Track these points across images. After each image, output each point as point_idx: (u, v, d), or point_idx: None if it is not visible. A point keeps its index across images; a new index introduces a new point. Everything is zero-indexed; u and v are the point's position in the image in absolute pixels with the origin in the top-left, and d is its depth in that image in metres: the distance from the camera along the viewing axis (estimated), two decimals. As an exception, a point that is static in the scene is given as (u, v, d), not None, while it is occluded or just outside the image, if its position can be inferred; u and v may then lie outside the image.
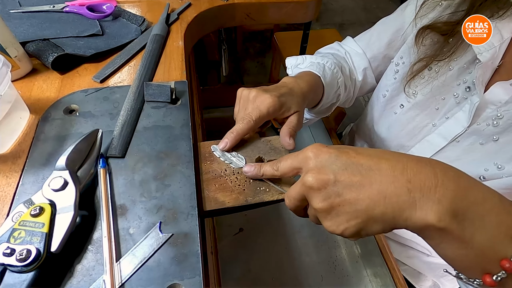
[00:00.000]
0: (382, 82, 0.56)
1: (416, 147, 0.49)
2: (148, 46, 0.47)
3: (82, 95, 0.41)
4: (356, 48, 0.58)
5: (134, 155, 0.35)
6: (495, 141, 0.39)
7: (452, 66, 0.43)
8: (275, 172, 0.31)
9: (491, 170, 0.40)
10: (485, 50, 0.37)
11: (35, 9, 0.49)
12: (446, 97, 0.45)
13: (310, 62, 0.51)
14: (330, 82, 0.49)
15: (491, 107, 0.39)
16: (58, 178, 0.29)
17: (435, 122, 0.46)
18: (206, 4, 0.58)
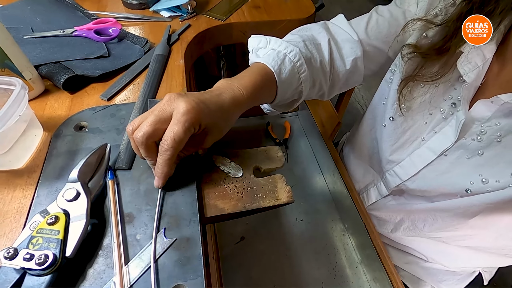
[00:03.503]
0: (378, 93, 0.57)
1: (407, 160, 0.51)
2: (151, 66, 0.50)
3: (90, 112, 0.44)
4: (346, 28, 0.50)
5: (139, 167, 0.38)
6: (480, 155, 0.42)
7: (438, 83, 0.45)
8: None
9: (476, 183, 0.42)
10: (470, 70, 0.40)
11: (46, 34, 0.53)
12: (433, 113, 0.47)
13: (271, 49, 0.43)
14: (286, 79, 0.42)
15: (476, 123, 0.42)
16: (71, 190, 0.32)
17: (424, 136, 0.48)
18: (205, 24, 0.62)
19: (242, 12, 0.66)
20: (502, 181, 0.40)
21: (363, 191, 0.68)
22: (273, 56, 0.41)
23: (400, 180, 0.52)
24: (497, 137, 0.40)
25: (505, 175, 0.39)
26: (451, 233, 0.52)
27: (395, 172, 0.54)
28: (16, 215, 0.34)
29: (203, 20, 0.63)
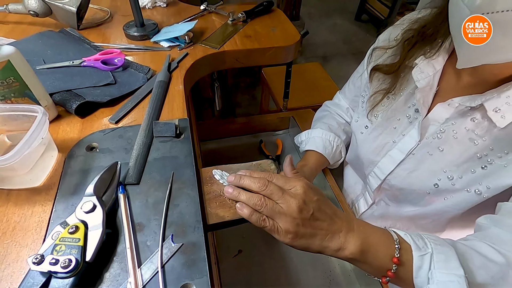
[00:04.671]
0: (356, 110, 0.66)
1: (382, 161, 0.57)
2: (154, 91, 0.56)
3: (100, 134, 0.49)
4: (338, 99, 0.77)
5: (147, 182, 0.42)
6: (441, 151, 0.48)
7: (402, 93, 0.54)
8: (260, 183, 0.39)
9: (442, 179, 0.48)
10: (422, 78, 0.48)
11: (57, 65, 0.59)
12: (401, 118, 0.54)
13: (308, 139, 0.73)
14: (324, 147, 0.69)
15: (436, 124, 0.49)
16: (88, 202, 0.36)
17: (395, 139, 0.55)
18: (201, 53, 0.69)
19: (234, 41, 0.74)
20: (463, 176, 0.45)
21: (355, 202, 0.73)
22: (320, 143, 0.70)
23: (380, 180, 0.58)
24: (454, 134, 0.46)
25: (465, 173, 0.45)
26: None
27: (374, 173, 0.59)
28: (37, 228, 0.37)
29: (200, 48, 0.70)
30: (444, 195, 0.49)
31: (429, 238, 0.38)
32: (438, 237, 0.38)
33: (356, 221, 0.40)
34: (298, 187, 0.38)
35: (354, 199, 0.74)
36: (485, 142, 0.44)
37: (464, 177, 0.46)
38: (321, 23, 3.08)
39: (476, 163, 0.44)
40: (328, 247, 0.38)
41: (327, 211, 0.38)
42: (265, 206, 0.37)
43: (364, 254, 0.38)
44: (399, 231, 0.39)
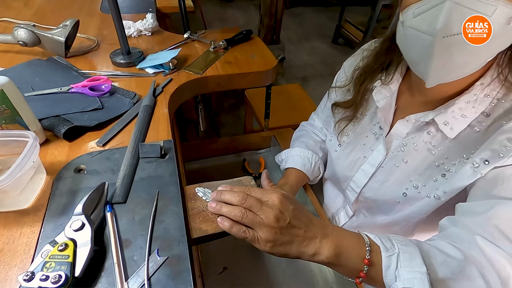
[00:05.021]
0: (328, 131, 0.72)
1: (356, 175, 0.62)
2: (140, 115, 0.59)
3: (88, 157, 0.51)
4: (313, 119, 0.82)
5: (133, 200, 0.45)
6: (405, 163, 0.53)
7: (367, 113, 0.60)
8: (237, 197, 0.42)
9: (409, 188, 0.53)
10: (381, 99, 0.55)
11: (46, 92, 0.61)
12: (368, 135, 0.60)
13: (293, 156, 0.76)
14: (302, 163, 0.73)
15: (398, 138, 0.54)
16: (77, 221, 0.38)
17: (365, 154, 0.60)
18: (184, 78, 0.73)
19: (216, 66, 0.79)
20: (427, 184, 0.50)
21: (335, 215, 0.77)
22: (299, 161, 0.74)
23: (356, 193, 0.63)
24: (415, 147, 0.52)
25: (428, 180, 0.50)
26: None
27: (351, 187, 0.64)
28: (26, 248, 0.39)
29: (183, 74, 0.75)
30: (411, 202, 0.54)
31: (396, 240, 0.42)
32: (404, 238, 0.42)
33: (330, 227, 0.43)
34: (275, 198, 0.41)
35: (334, 212, 0.78)
36: (440, 152, 0.49)
37: (427, 185, 0.51)
38: (301, 46, 3.24)
39: (436, 171, 0.50)
40: (305, 252, 0.41)
41: (303, 219, 0.42)
42: (245, 218, 0.40)
43: (339, 258, 0.41)
44: (370, 234, 0.43)
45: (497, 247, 0.39)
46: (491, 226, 0.39)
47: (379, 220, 0.62)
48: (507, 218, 0.39)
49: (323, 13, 4.09)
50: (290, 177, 0.73)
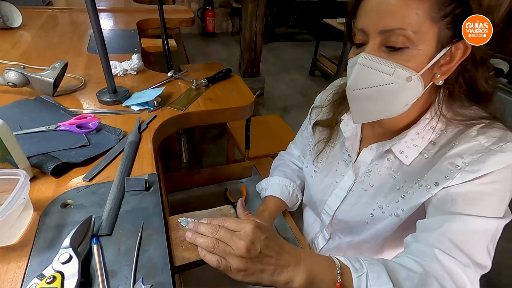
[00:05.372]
0: (305, 158, 0.78)
1: (329, 199, 0.67)
2: (126, 150, 0.63)
3: (74, 192, 0.54)
4: (291, 149, 0.89)
5: (119, 232, 0.48)
6: (371, 186, 0.59)
7: (337, 142, 0.67)
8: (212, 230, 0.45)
9: (376, 209, 0.59)
10: (348, 130, 0.62)
11: (34, 131, 0.65)
12: (339, 162, 0.66)
13: (272, 184, 0.80)
14: (281, 191, 0.77)
15: (364, 165, 0.61)
16: (65, 254, 0.41)
17: (337, 180, 0.66)
18: (168, 114, 0.78)
19: (198, 103, 0.85)
20: (390, 205, 0.56)
21: (314, 239, 0.81)
22: (278, 189, 0.78)
23: (330, 216, 0.67)
24: (378, 172, 0.58)
25: (391, 202, 0.56)
26: None
27: (325, 210, 0.69)
28: (12, 283, 0.40)
29: (167, 111, 0.80)
30: (377, 222, 0.59)
31: (364, 260, 0.46)
32: (372, 258, 0.47)
33: (303, 253, 0.46)
34: (247, 228, 0.44)
35: (313, 236, 0.82)
36: (399, 176, 0.56)
37: (390, 206, 0.57)
38: (280, 78, 3.42)
39: (397, 194, 0.56)
40: (278, 281, 0.43)
41: (274, 248, 0.44)
42: (217, 248, 0.42)
43: (311, 284, 0.43)
44: (340, 257, 0.47)
45: (453, 258, 0.44)
46: (446, 240, 0.45)
47: (352, 241, 0.67)
48: (458, 232, 0.45)
49: (300, 47, 4.38)
50: (269, 205, 0.77)
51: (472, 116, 0.50)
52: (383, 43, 0.45)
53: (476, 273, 0.44)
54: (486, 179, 0.45)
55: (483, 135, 0.47)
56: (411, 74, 0.45)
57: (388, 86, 0.46)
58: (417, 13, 0.42)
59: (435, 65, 0.46)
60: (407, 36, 0.43)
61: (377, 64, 0.46)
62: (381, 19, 0.44)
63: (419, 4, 0.42)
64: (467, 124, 0.50)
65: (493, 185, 0.46)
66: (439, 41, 0.44)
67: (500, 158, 0.45)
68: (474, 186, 0.46)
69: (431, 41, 0.44)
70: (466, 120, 0.50)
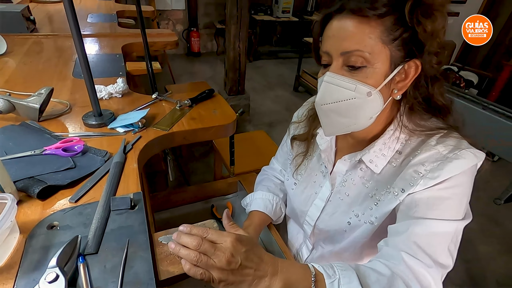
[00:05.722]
0: (286, 172, 0.82)
1: (310, 210, 0.70)
2: (111, 171, 0.65)
3: (61, 213, 0.55)
4: (273, 163, 0.92)
5: (105, 250, 0.49)
6: (347, 196, 0.63)
7: (314, 154, 0.71)
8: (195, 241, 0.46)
9: (352, 217, 0.62)
10: (323, 142, 0.66)
11: (19, 155, 0.66)
12: (317, 174, 0.70)
13: (251, 201, 0.83)
14: (265, 205, 0.80)
15: (340, 175, 0.65)
16: (52, 273, 0.42)
17: (316, 191, 0.70)
18: (152, 135, 0.81)
19: (182, 123, 0.89)
20: (365, 213, 0.60)
21: (299, 250, 0.84)
22: (262, 203, 0.81)
23: (311, 226, 0.70)
24: (352, 182, 0.62)
25: (365, 209, 0.60)
26: None
27: (307, 221, 0.72)
28: (-2, 305, 0.41)
29: (152, 131, 0.83)
30: (354, 229, 0.62)
31: (337, 266, 0.49)
32: (344, 264, 0.50)
33: (280, 263, 0.49)
34: (228, 241, 0.45)
35: (298, 248, 0.84)
36: (372, 185, 0.60)
37: (365, 213, 0.60)
38: (265, 95, 3.51)
39: (370, 201, 0.60)
40: None
41: (254, 259, 0.45)
42: (200, 261, 0.44)
43: None
44: (315, 264, 0.50)
45: (418, 260, 0.48)
46: (411, 243, 0.49)
47: (333, 249, 0.70)
48: (421, 235, 0.49)
49: (283, 64, 4.52)
50: (253, 219, 0.79)
51: (431, 127, 0.56)
52: (345, 63, 0.51)
53: (439, 273, 0.48)
54: (444, 185, 0.50)
55: (441, 144, 0.53)
56: (370, 89, 0.51)
57: (352, 101, 0.52)
58: (370, 37, 0.48)
59: (392, 82, 0.52)
60: (364, 57, 0.49)
61: (340, 81, 0.51)
62: (341, 43, 0.50)
63: (371, 30, 0.48)
64: (427, 134, 0.55)
65: (451, 190, 0.50)
66: (392, 61, 0.50)
67: (456, 165, 0.50)
68: (434, 191, 0.51)
69: (385, 61, 0.50)
70: (426, 131, 0.56)
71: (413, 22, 0.47)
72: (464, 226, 0.51)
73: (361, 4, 0.47)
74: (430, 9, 0.47)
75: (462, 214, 0.51)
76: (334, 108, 0.54)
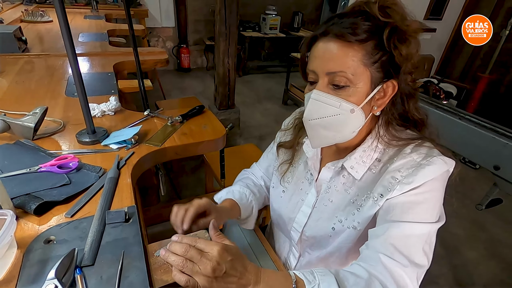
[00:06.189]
0: (272, 180, 0.85)
1: (298, 216, 0.74)
2: (106, 186, 0.68)
3: (57, 228, 0.58)
4: (255, 167, 0.92)
5: (101, 261, 0.52)
6: (331, 202, 0.67)
7: (300, 162, 0.75)
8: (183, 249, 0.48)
9: (336, 223, 0.66)
10: (310, 150, 0.70)
11: (15, 173, 0.68)
12: (303, 181, 0.74)
13: (226, 192, 0.82)
14: (239, 197, 0.79)
15: (325, 182, 0.69)
16: (51, 285, 0.45)
17: (302, 198, 0.73)
18: (145, 150, 0.85)
19: (173, 138, 0.92)
20: (348, 218, 0.64)
21: (287, 259, 0.86)
22: (230, 193, 0.80)
23: (299, 232, 0.74)
24: (336, 188, 0.66)
25: (348, 215, 0.64)
26: None
27: (294, 227, 0.75)
28: (-2, 318, 0.43)
29: (144, 147, 0.86)
30: (339, 235, 0.66)
31: (317, 272, 0.53)
32: (324, 269, 0.53)
33: (263, 272, 0.51)
34: (215, 250, 0.46)
35: (285, 256, 0.87)
36: (353, 191, 0.64)
37: (348, 219, 0.64)
38: (255, 108, 3.58)
39: (352, 207, 0.64)
40: None
41: (238, 268, 0.47)
42: (186, 267, 0.46)
43: None
44: (296, 272, 0.53)
45: (395, 260, 0.52)
46: (388, 245, 0.53)
47: (319, 255, 0.73)
48: (398, 237, 0.53)
49: (272, 79, 4.63)
50: (224, 202, 0.78)
51: (406, 137, 0.61)
52: (330, 82, 0.56)
53: (415, 272, 0.52)
54: (418, 190, 0.55)
55: (415, 152, 0.58)
56: (353, 107, 0.56)
57: (337, 117, 0.57)
58: (353, 60, 0.53)
59: (372, 100, 0.57)
60: (347, 77, 0.54)
61: (326, 99, 0.56)
62: (327, 64, 0.55)
63: (354, 53, 0.53)
64: (403, 143, 0.60)
65: (424, 195, 0.55)
66: (373, 81, 0.55)
67: (428, 171, 0.55)
68: (409, 196, 0.56)
69: (366, 81, 0.55)
70: (402, 141, 0.61)
71: (390, 47, 0.53)
72: (439, 228, 0.56)
73: (344, 30, 0.53)
74: (405, 36, 0.53)
75: (435, 217, 0.55)
76: (320, 123, 0.58)
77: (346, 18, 0.54)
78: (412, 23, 0.54)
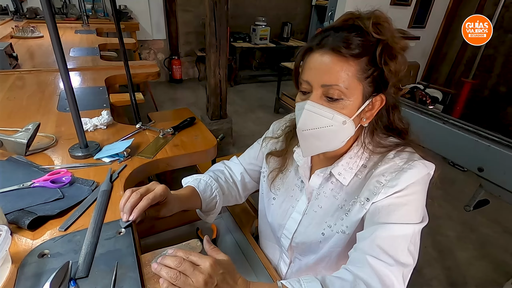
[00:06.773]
0: (260, 186, 0.87)
1: (288, 223, 0.76)
2: (99, 199, 0.69)
3: (51, 242, 0.59)
4: (235, 161, 0.90)
5: (95, 273, 0.53)
6: (320, 208, 0.69)
7: (291, 169, 0.77)
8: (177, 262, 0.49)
9: (326, 228, 0.68)
10: (301, 159, 0.72)
11: (8, 189, 0.69)
12: (294, 188, 0.76)
13: (193, 178, 0.79)
14: (203, 189, 0.76)
15: (315, 189, 0.71)
16: (46, 297, 0.46)
17: (293, 204, 0.76)
18: (137, 163, 0.86)
19: (165, 150, 0.94)
20: (337, 223, 0.66)
21: (277, 266, 0.88)
22: (194, 181, 0.77)
23: (289, 239, 0.75)
24: (325, 194, 0.69)
25: (337, 220, 0.66)
26: None
27: (284, 234, 0.77)
28: (-6, 332, 0.44)
29: (136, 160, 0.88)
30: (328, 240, 0.68)
31: (304, 280, 0.55)
32: (311, 276, 0.56)
33: (251, 285, 0.54)
34: (207, 263, 0.49)
35: (276, 264, 0.89)
36: (341, 196, 0.67)
37: (337, 224, 0.66)
38: (247, 117, 3.62)
39: (341, 212, 0.66)
40: None
41: (229, 282, 0.50)
42: (178, 280, 0.48)
43: None
44: (284, 281, 0.55)
45: (381, 261, 0.54)
46: (375, 246, 0.56)
47: (309, 261, 0.75)
48: (383, 238, 0.56)
49: (263, 88, 4.69)
50: (182, 190, 0.74)
51: (389, 144, 0.65)
52: (324, 93, 0.59)
53: (400, 271, 0.55)
54: (402, 193, 0.58)
55: (398, 157, 0.61)
56: (345, 119, 0.59)
57: (329, 128, 0.59)
58: (348, 74, 0.56)
59: (362, 112, 0.61)
60: (341, 91, 0.57)
61: (320, 110, 0.59)
62: (322, 76, 0.58)
63: (349, 68, 0.56)
64: (387, 150, 0.64)
65: (407, 197, 0.58)
66: (364, 95, 0.59)
67: (410, 175, 0.58)
68: (393, 199, 0.58)
69: (358, 95, 0.58)
70: (386, 147, 0.64)
71: (381, 63, 0.56)
72: (423, 228, 0.59)
73: (339, 43, 0.55)
74: (394, 52, 0.57)
75: (419, 218, 0.58)
76: (314, 133, 0.61)
77: (341, 32, 0.57)
78: (400, 41, 0.58)
